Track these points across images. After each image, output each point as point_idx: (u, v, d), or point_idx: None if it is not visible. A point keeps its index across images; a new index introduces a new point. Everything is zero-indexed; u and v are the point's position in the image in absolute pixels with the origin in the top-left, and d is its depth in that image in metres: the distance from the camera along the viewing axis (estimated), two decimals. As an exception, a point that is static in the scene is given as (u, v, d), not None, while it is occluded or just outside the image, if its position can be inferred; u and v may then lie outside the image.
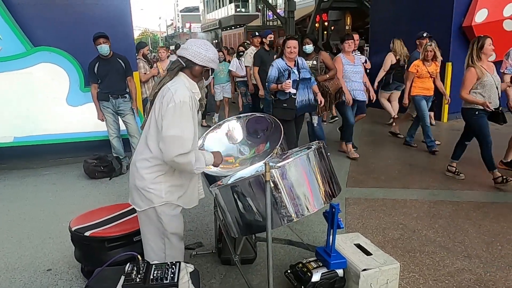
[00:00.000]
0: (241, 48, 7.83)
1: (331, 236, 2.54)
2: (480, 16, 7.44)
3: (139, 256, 1.66)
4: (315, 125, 5.55)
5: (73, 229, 2.78)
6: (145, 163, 2.13)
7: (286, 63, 4.52)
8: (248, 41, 11.13)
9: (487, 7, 7.44)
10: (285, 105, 4.50)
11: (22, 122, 5.47)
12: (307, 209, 1.90)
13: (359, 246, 2.74)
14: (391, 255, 2.78)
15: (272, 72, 4.54)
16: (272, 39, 6.61)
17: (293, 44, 4.48)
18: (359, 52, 6.33)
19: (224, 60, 8.09)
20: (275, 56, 5.47)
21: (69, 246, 3.03)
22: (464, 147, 4.67)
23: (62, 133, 5.63)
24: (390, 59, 6.79)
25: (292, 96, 4.48)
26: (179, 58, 2.14)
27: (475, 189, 4.44)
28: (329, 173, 2.07)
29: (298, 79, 4.53)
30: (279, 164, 1.85)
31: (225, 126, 3.05)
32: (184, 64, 2.12)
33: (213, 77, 7.67)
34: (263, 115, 3.03)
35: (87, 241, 2.72)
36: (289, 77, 4.42)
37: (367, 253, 2.66)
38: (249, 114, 3.03)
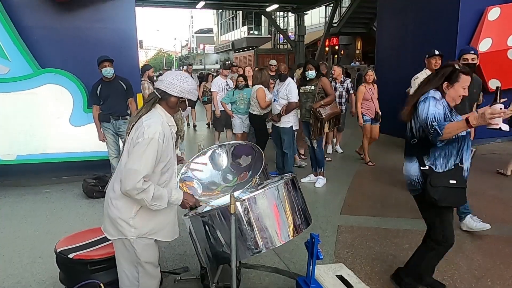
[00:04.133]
0: None
1: (311, 267, 2.54)
2: (484, 45, 7.45)
3: (101, 284, 1.69)
4: (315, 147, 5.51)
5: (58, 251, 2.81)
6: (117, 193, 2.12)
7: (445, 100, 2.62)
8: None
9: (491, 36, 7.46)
10: (454, 181, 2.59)
11: (26, 140, 5.61)
12: (275, 241, 1.90)
13: (341, 278, 2.73)
14: (375, 288, 2.74)
15: (437, 107, 2.53)
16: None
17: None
18: None
19: (246, 86, 6.57)
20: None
21: (57, 267, 3.06)
22: None
23: (64, 152, 5.76)
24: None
25: (459, 164, 2.62)
26: (155, 90, 2.16)
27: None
28: (299, 206, 2.07)
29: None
30: (245, 197, 1.87)
31: (210, 153, 3.09)
32: (160, 96, 2.14)
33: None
34: (246, 143, 3.07)
35: (70, 263, 2.74)
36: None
37: (348, 285, 2.64)
38: (234, 142, 3.07)
